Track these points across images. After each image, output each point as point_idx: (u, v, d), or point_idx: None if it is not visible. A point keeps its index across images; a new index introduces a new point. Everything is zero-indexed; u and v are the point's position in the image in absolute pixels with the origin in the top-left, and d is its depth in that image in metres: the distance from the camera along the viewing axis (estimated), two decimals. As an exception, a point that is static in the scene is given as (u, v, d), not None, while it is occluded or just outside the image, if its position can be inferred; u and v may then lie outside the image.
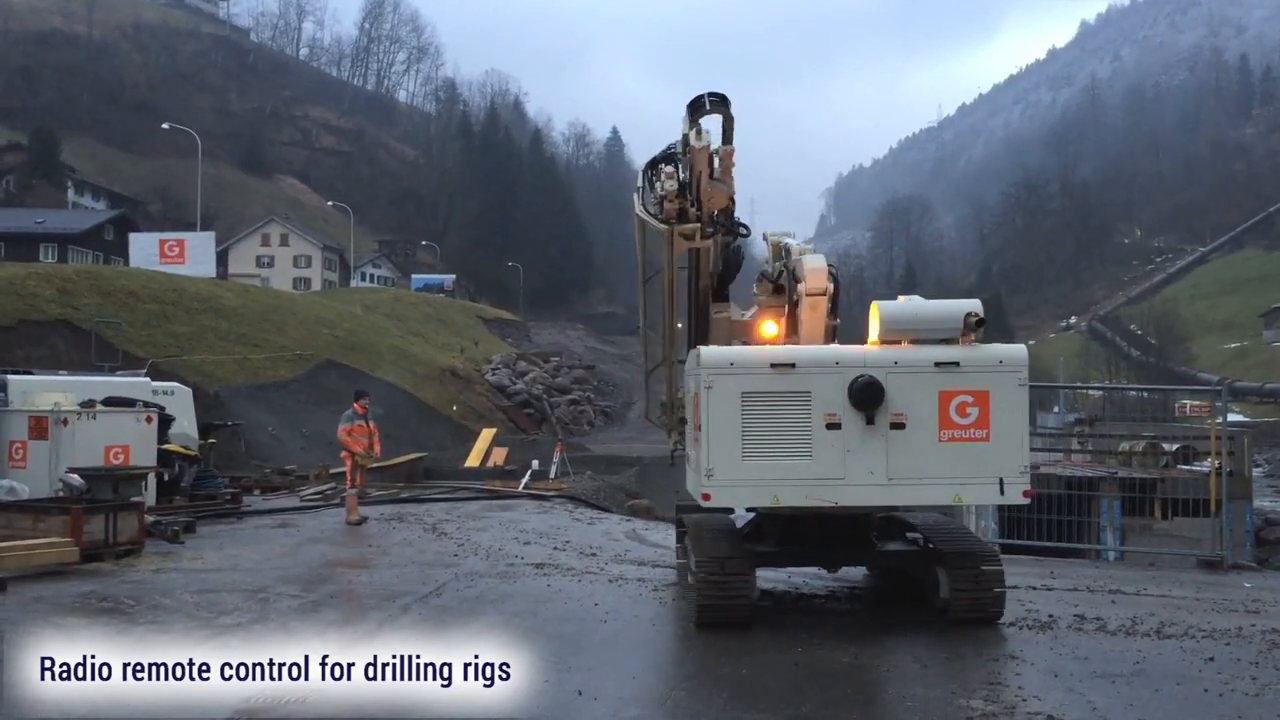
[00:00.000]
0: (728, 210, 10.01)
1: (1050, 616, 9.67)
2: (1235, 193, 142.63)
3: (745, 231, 10.49)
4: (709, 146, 9.40)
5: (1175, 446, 20.87)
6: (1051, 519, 14.85)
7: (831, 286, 9.60)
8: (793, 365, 8.72)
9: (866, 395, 8.47)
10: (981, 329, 8.89)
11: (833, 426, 8.53)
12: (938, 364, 8.58)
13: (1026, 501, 8.70)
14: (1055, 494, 15.62)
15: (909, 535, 10.06)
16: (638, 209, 10.09)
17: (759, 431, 8.64)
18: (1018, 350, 8.81)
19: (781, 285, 10.41)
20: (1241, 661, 8.13)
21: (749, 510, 9.99)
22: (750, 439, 8.63)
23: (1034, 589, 11.14)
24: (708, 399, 8.70)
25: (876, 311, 9.08)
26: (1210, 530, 14.16)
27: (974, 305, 8.94)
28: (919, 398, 8.53)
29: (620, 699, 7.04)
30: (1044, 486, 16.46)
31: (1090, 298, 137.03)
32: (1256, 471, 22.81)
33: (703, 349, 9.22)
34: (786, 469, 8.59)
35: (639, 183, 10.29)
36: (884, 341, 8.98)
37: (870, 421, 8.50)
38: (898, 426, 8.52)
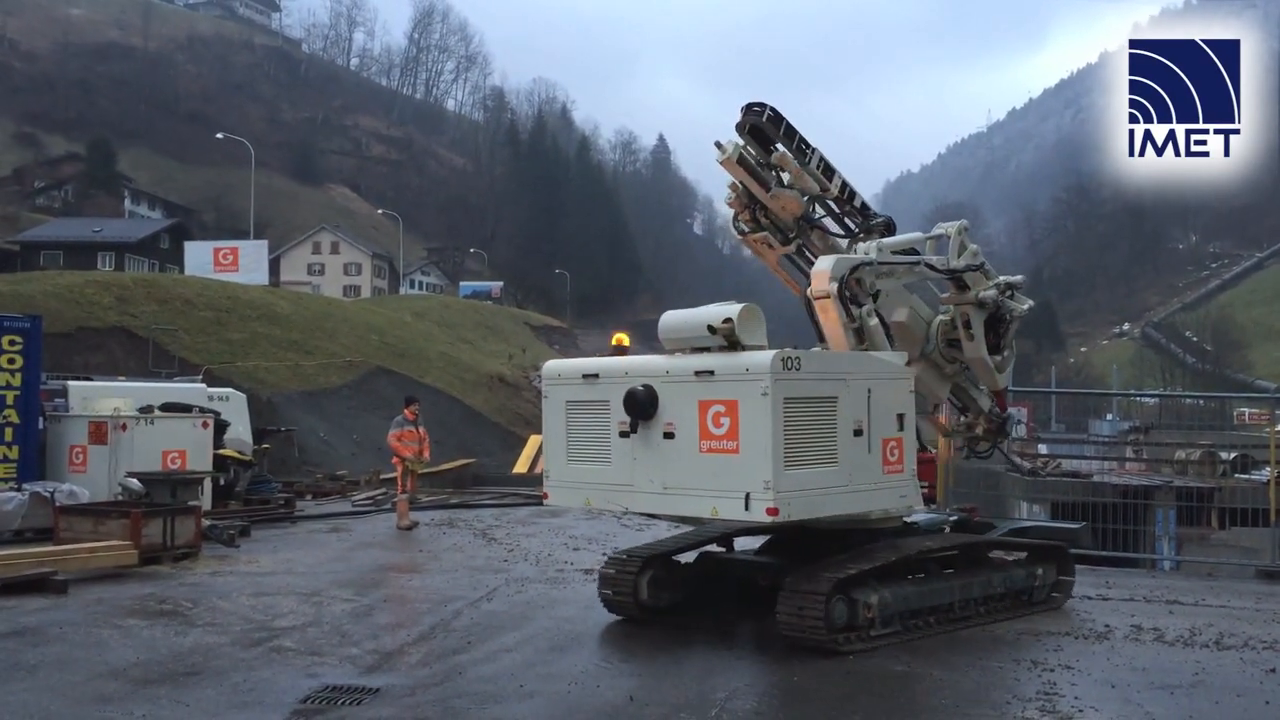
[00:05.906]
0: (861, 208, 10.11)
1: (1107, 626, 9.56)
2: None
3: (862, 229, 10.02)
4: (734, 158, 9.59)
5: (1232, 455, 20.52)
6: (1106, 528, 14.65)
7: (835, 288, 9.01)
8: (596, 376, 9.01)
9: (630, 405, 8.48)
10: (732, 335, 8.35)
11: (624, 435, 8.63)
12: (696, 373, 8.36)
13: (771, 520, 7.95)
14: (1110, 502, 15.40)
15: None
16: (732, 224, 10.42)
17: (577, 438, 9.10)
18: (762, 358, 8.09)
19: (964, 282, 10.23)
20: (1304, 674, 7.97)
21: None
22: (571, 445, 9.15)
23: (1089, 599, 11.01)
24: (545, 407, 9.47)
25: None
26: (1269, 540, 13.92)
27: (730, 311, 8.45)
28: (685, 407, 8.37)
29: (672, 705, 7.04)
30: (1098, 495, 16.25)
31: (1144, 304, 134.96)
32: (1317, 481, 22.26)
33: (547, 362, 9.91)
34: (594, 474, 8.99)
35: None
36: (667, 350, 8.96)
37: (633, 430, 8.52)
38: (669, 436, 8.42)
